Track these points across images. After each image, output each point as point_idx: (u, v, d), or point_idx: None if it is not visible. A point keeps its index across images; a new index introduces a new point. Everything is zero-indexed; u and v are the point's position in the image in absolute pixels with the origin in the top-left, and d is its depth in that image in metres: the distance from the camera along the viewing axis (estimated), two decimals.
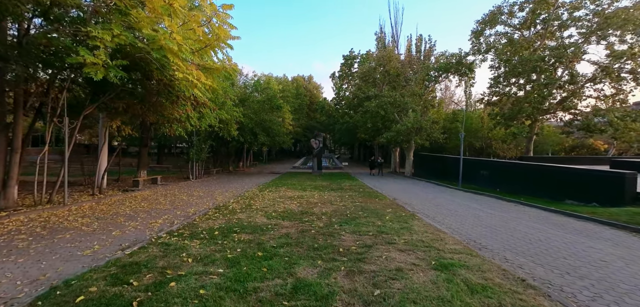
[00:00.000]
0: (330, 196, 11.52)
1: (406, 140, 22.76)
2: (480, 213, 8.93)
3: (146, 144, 17.63)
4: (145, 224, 7.10)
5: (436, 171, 21.35)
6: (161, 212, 8.53)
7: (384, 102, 22.20)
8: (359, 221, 7.24)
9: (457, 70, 24.39)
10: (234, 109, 19.76)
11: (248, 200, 10.52)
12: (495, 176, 15.32)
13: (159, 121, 13.17)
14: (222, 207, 9.13)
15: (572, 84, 19.03)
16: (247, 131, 23.06)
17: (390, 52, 25.93)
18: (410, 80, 24.95)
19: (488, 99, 25.58)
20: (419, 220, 7.40)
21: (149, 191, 12.87)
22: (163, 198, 11.11)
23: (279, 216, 7.81)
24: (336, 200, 10.57)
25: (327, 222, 7.10)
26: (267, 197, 11.27)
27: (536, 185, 12.36)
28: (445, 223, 7.51)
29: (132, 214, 8.25)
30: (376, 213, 8.13)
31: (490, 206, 10.25)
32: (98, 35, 6.32)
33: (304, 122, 47.26)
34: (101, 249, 5.32)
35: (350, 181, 18.36)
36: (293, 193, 12.36)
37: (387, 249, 5.09)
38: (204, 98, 11.47)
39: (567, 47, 19.19)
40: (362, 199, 10.89)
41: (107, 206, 9.34)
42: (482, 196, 12.86)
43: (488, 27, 23.94)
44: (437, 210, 9.31)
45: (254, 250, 5.02)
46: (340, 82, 47.40)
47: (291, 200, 10.50)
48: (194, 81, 7.64)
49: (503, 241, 6.04)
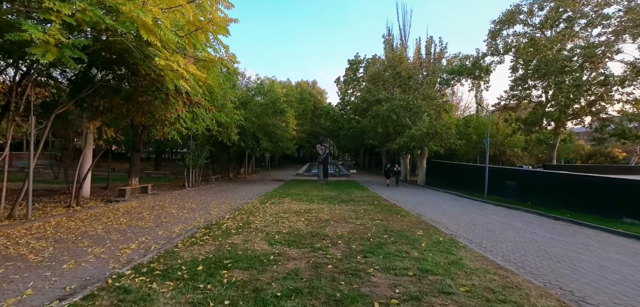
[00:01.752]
0: (343, 210, 9.90)
1: (419, 146, 21.13)
2: (535, 236, 7.26)
3: (138, 149, 16.16)
4: (112, 252, 5.54)
5: (451, 180, 19.67)
6: (139, 232, 6.97)
7: (396, 105, 20.63)
8: (388, 249, 5.62)
9: (470, 73, 22.72)
10: (234, 111, 18.30)
11: (247, 215, 8.94)
12: (524, 187, 13.65)
13: (150, 123, 11.73)
14: (215, 225, 7.55)
15: (604, 85, 17.35)
16: (248, 136, 21.57)
17: (401, 53, 24.45)
18: (422, 83, 23.40)
19: (505, 103, 23.93)
20: (466, 249, 5.75)
21: (136, 202, 11.34)
22: (148, 212, 9.56)
23: (283, 239, 6.21)
24: (350, 216, 8.95)
25: (346, 251, 5.49)
26: (269, 210, 9.69)
27: (579, 198, 10.69)
28: (501, 253, 5.85)
29: (102, 234, 6.69)
30: (406, 237, 6.49)
31: (538, 225, 8.56)
32: (54, 8, 4.85)
33: (308, 128, 45.80)
34: (33, 295, 3.76)
35: (360, 190, 16.74)
36: (299, 206, 10.77)
37: (445, 305, 3.47)
38: (198, 97, 10.01)
39: (597, 47, 17.57)
40: (381, 214, 9.26)
41: (77, 223, 7.80)
42: (518, 210, 11.16)
43: (506, 26, 22.41)
44: (477, 231, 7.65)
45: (248, 303, 3.43)
46: (346, 87, 46.02)
47: (297, 215, 8.90)
48: (181, 70, 6.13)
49: (605, 289, 4.33)
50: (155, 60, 5.93)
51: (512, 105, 23.46)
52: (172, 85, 6.47)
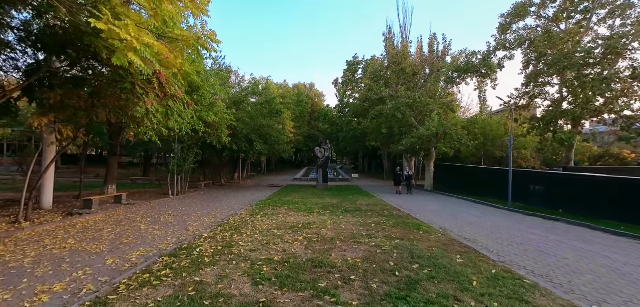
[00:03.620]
0: (350, 224, 8.15)
1: (427, 148, 19.48)
2: (616, 264, 5.51)
3: (115, 153, 14.34)
4: (19, 301, 3.75)
5: (463, 184, 17.98)
6: (81, 262, 5.17)
7: (402, 103, 18.98)
8: (425, 291, 3.86)
9: (477, 71, 21.02)
10: (225, 111, 16.56)
11: (231, 232, 7.17)
12: (553, 192, 11.99)
13: (116, 121, 9.98)
14: (185, 250, 5.77)
15: (634, 78, 15.81)
16: (241, 138, 19.79)
17: (404, 49, 22.86)
18: (427, 81, 21.78)
19: (516, 102, 22.38)
20: (539, 290, 3.95)
21: (102, 215, 9.51)
22: (111, 228, 7.75)
23: (274, 275, 4.44)
24: (360, 232, 7.20)
25: (366, 295, 3.75)
26: (260, 225, 7.91)
27: (626, 206, 9.05)
28: (590, 295, 4.10)
29: (28, 267, 4.89)
30: (444, 269, 4.71)
31: (604, 245, 6.84)
32: None
33: (306, 131, 44.16)
34: None
35: (365, 197, 15.00)
36: (296, 218, 9.00)
37: None
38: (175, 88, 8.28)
39: (622, 37, 16.07)
40: (398, 230, 7.51)
41: (9, 246, 5.98)
42: (558, 222, 9.44)
43: (516, 20, 20.91)
44: (532, 256, 5.86)
45: None
46: (344, 89, 44.52)
47: (294, 232, 7.14)
48: (130, 39, 4.39)
49: None
50: (93, 24, 4.20)
51: (524, 103, 21.98)
52: (122, 61, 4.72)
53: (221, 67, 22.14)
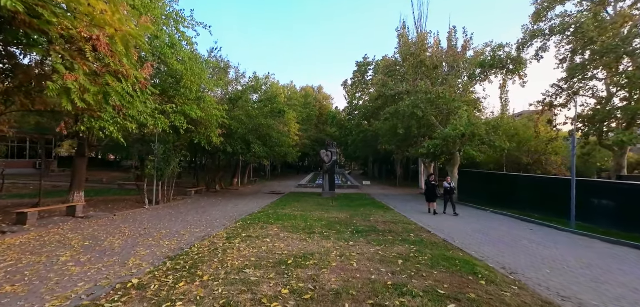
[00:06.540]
0: (364, 259, 5.50)
1: (450, 151, 16.67)
2: None
3: (83, 154, 12.12)
4: None
5: (496, 195, 14.99)
6: None
7: (421, 99, 16.26)
8: None
9: (503, 66, 17.99)
10: (214, 106, 14.21)
11: (181, 273, 4.62)
12: (629, 209, 9.07)
13: (48, 109, 7.68)
14: None
15: None
16: (236, 139, 17.39)
17: (422, 40, 20.11)
18: (447, 77, 18.94)
19: (551, 100, 19.34)
20: None
21: (34, 234, 7.14)
22: (35, 257, 5.33)
23: None
24: (382, 278, 4.55)
25: None
26: (231, 260, 5.33)
27: None
28: None
29: None
30: None
31: None
32: None
33: (313, 134, 41.75)
34: None
35: (380, 210, 12.31)
36: (289, 244, 6.41)
37: None
38: (119, 61, 5.88)
39: None
40: (441, 274, 4.82)
41: None
42: None
43: (554, 5, 17.96)
44: None
45: None
46: (354, 90, 41.99)
47: (279, 276, 4.55)
48: None
49: None
50: None
51: (561, 102, 18.96)
52: None
53: (217, 59, 19.87)
